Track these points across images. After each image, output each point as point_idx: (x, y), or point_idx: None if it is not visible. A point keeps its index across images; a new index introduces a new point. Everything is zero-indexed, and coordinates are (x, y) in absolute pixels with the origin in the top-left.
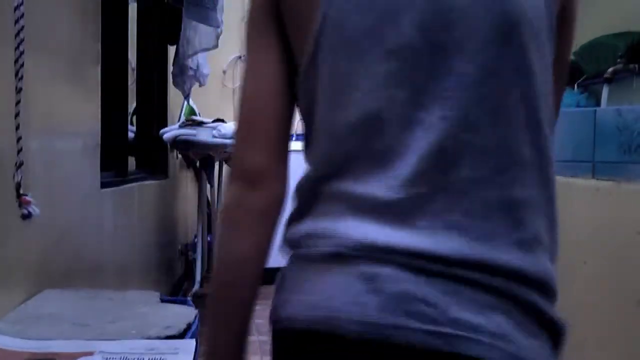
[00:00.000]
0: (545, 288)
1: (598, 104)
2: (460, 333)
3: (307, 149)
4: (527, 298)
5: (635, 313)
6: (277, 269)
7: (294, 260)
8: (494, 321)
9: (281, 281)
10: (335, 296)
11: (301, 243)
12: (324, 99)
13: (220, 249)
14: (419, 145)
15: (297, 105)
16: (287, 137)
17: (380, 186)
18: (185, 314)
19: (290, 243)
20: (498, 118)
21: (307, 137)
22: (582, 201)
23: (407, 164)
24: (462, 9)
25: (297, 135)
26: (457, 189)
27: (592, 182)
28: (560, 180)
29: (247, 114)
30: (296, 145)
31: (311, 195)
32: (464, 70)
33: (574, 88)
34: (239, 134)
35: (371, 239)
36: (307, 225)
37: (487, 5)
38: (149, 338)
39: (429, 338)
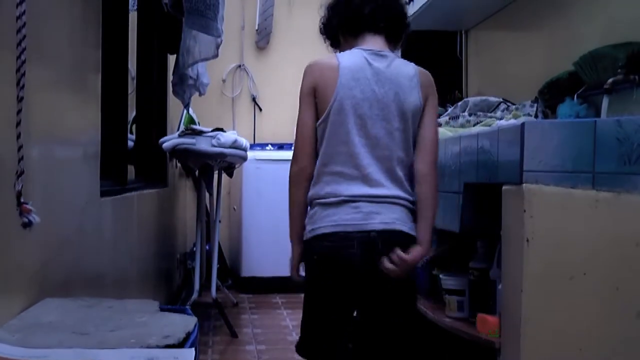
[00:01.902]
0: (414, 203)
1: (598, 114)
2: (390, 222)
3: (319, 150)
4: (409, 206)
5: (635, 325)
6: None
7: (318, 205)
8: (400, 219)
9: (312, 215)
10: (343, 217)
11: (322, 197)
12: (330, 131)
13: (292, 195)
14: (365, 154)
15: (318, 131)
16: (316, 148)
17: (353, 170)
18: (185, 323)
19: (315, 197)
20: (395, 144)
21: (319, 143)
22: (581, 212)
23: (362, 162)
24: (386, 103)
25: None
26: (381, 172)
27: (592, 193)
28: (560, 190)
29: (301, 139)
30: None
31: (321, 174)
32: (383, 127)
33: (573, 99)
34: (297, 148)
35: (354, 193)
36: (323, 189)
37: (395, 102)
38: (148, 347)
39: (380, 225)
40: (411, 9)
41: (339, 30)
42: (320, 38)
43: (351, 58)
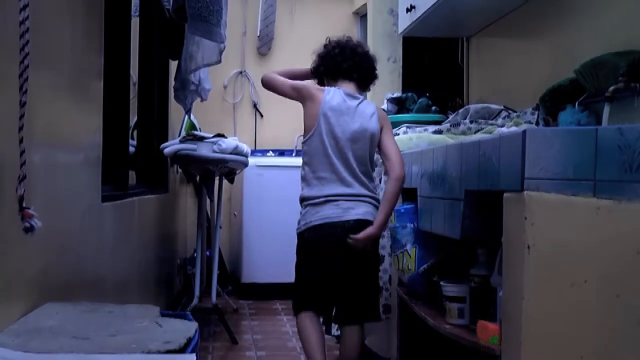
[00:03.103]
0: (378, 200)
1: (599, 122)
2: (362, 214)
3: (307, 160)
4: (373, 203)
5: (635, 332)
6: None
7: (309, 205)
8: (369, 212)
9: (304, 213)
10: (328, 212)
11: (312, 198)
12: (315, 149)
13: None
14: (339, 164)
15: (304, 145)
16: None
17: (332, 174)
18: (186, 328)
19: (307, 198)
20: (357, 157)
21: (307, 155)
22: (582, 219)
23: (337, 168)
24: (354, 130)
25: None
26: (351, 176)
27: (593, 201)
28: (561, 198)
29: (283, 79)
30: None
31: (310, 179)
32: (350, 147)
33: (574, 106)
34: (281, 78)
35: (336, 192)
36: (311, 191)
37: (360, 129)
38: (149, 352)
39: (355, 216)
40: (413, 16)
41: (324, 75)
42: (320, 44)
43: (333, 96)
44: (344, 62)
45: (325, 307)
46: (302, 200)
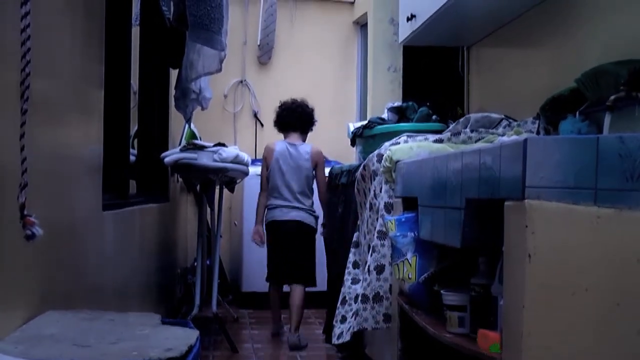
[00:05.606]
0: (308, 209)
1: (600, 131)
2: (296, 216)
3: (267, 186)
4: (306, 209)
5: (635, 341)
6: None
7: (268, 210)
8: (299, 215)
9: (266, 214)
10: (277, 214)
11: (270, 205)
12: (271, 180)
13: (260, 202)
14: (284, 189)
15: (267, 177)
16: (268, 185)
17: (279, 195)
18: (187, 336)
19: (268, 205)
20: (297, 185)
21: (268, 183)
22: (583, 228)
23: (283, 192)
24: (294, 167)
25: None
26: (291, 196)
27: (594, 209)
28: (562, 206)
29: (262, 182)
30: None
31: (270, 196)
32: (292, 178)
33: (575, 115)
34: (261, 185)
35: (282, 204)
36: (269, 202)
37: (298, 167)
38: None
39: (292, 217)
40: (413, 26)
41: (278, 127)
42: (320, 54)
43: (280, 146)
44: (289, 118)
45: (281, 275)
46: (266, 207)
